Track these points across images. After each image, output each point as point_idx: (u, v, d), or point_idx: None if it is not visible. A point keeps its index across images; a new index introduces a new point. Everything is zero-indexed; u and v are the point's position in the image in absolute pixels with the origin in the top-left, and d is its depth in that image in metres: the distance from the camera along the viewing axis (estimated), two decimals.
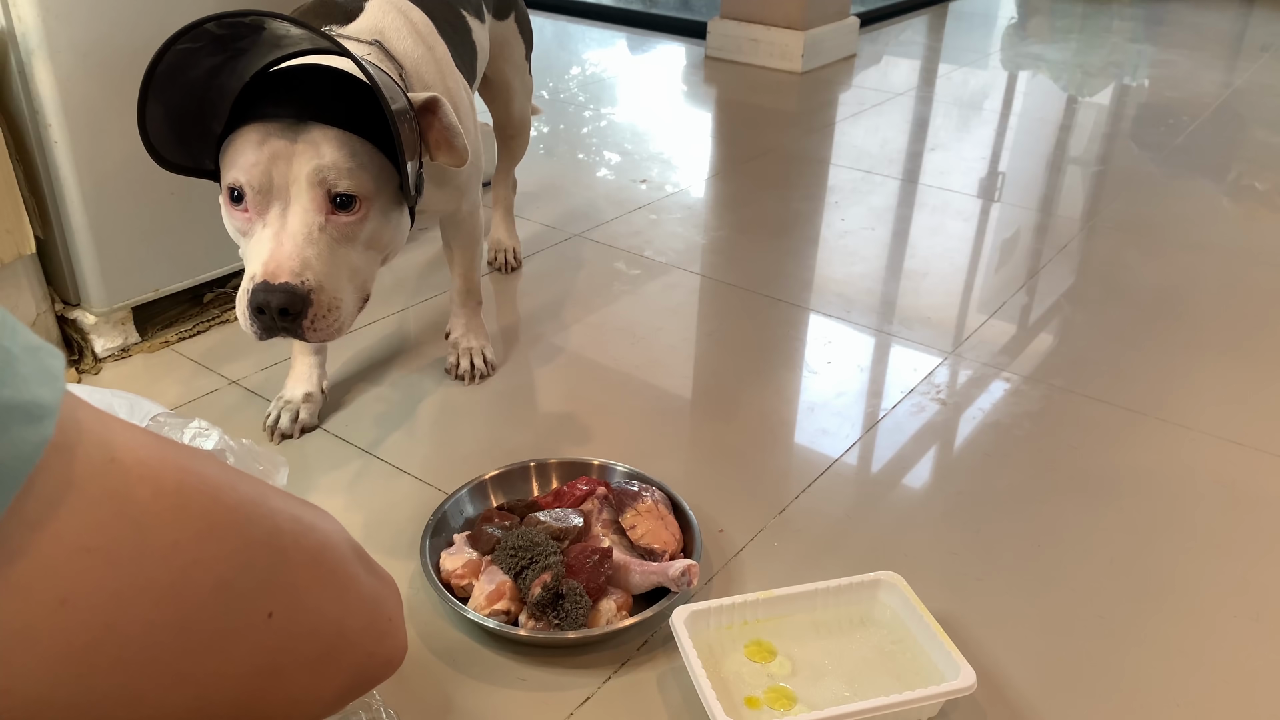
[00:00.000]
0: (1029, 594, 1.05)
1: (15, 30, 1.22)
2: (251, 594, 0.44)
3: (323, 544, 0.51)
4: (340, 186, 0.92)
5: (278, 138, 0.92)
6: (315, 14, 1.13)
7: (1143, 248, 1.88)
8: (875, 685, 0.90)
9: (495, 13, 1.48)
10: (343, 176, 0.92)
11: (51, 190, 1.32)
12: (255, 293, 0.90)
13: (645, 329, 1.56)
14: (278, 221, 0.92)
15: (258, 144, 0.92)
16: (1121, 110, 2.84)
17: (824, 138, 2.46)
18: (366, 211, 0.95)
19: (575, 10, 3.74)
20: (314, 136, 0.92)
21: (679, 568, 0.98)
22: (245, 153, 0.92)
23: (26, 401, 0.34)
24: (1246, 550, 1.12)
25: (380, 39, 1.09)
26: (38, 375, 0.35)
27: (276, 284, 0.89)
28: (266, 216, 0.93)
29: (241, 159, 0.92)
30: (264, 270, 0.90)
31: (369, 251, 0.98)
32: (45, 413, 0.35)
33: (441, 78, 1.16)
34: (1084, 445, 1.29)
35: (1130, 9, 4.06)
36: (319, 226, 0.92)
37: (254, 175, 0.91)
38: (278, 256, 0.90)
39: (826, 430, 1.32)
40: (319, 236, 0.92)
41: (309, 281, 0.90)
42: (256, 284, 0.90)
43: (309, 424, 1.28)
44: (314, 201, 0.92)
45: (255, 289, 0.90)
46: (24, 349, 0.35)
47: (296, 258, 0.90)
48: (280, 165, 0.91)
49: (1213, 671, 0.96)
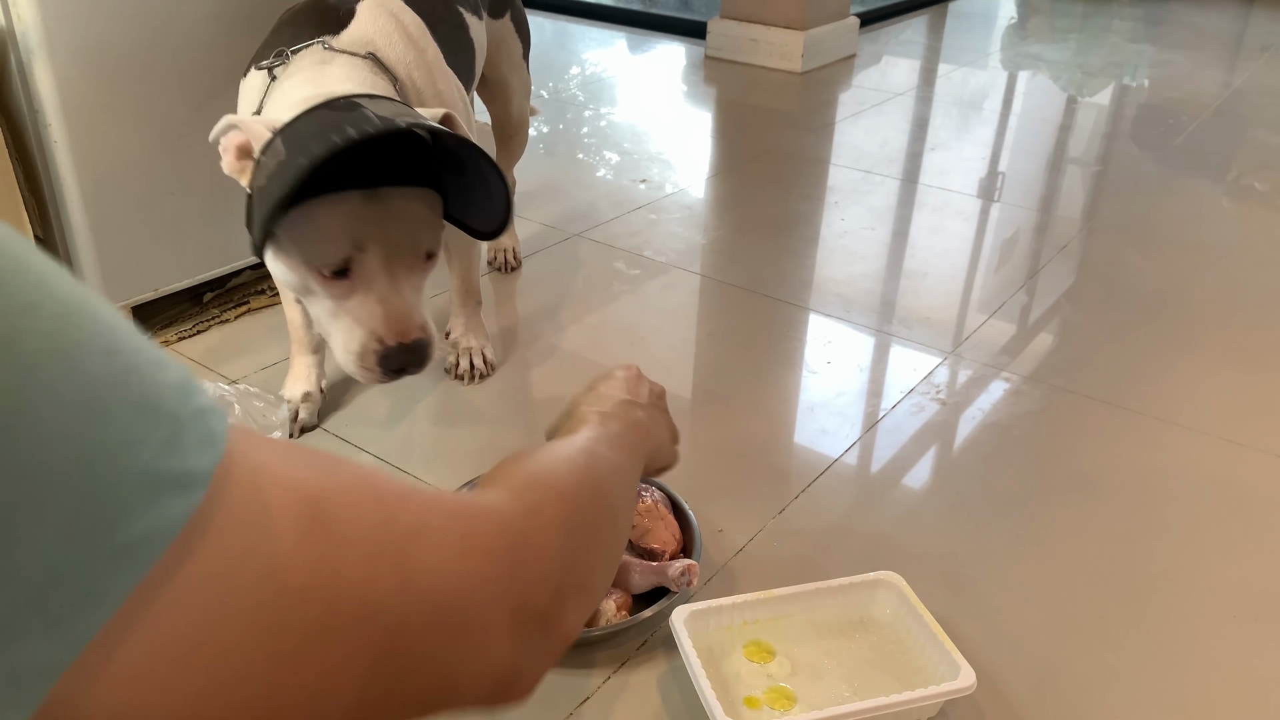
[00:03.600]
0: (1029, 594, 1.05)
1: (15, 30, 1.22)
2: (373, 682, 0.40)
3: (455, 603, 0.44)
4: (432, 245, 0.99)
5: (366, 209, 0.93)
6: (308, 19, 1.13)
7: (1143, 248, 1.88)
8: (875, 685, 0.90)
9: (491, 11, 1.48)
10: (433, 235, 0.99)
11: (51, 190, 1.32)
12: (391, 356, 0.96)
13: (645, 329, 1.56)
14: (384, 284, 0.95)
15: (351, 219, 0.92)
16: (1121, 110, 2.84)
17: (824, 137, 2.46)
18: (438, 253, 1.01)
19: (575, 10, 3.74)
20: (399, 204, 0.94)
21: (679, 568, 0.98)
22: (341, 231, 0.92)
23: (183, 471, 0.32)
24: (1246, 550, 1.12)
25: (373, 51, 1.09)
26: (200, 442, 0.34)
27: (410, 342, 0.96)
28: (371, 283, 0.95)
29: (341, 237, 0.93)
30: (392, 333, 0.95)
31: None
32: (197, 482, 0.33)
33: (432, 81, 1.16)
34: (1084, 445, 1.29)
35: (1130, 9, 4.06)
36: (419, 280, 0.99)
37: (360, 251, 0.93)
38: (399, 318, 0.96)
39: (826, 430, 1.32)
40: (420, 287, 0.99)
41: (426, 330, 0.98)
42: (390, 347, 0.95)
43: (308, 423, 1.28)
44: (415, 260, 0.97)
45: (390, 353, 0.96)
46: (194, 414, 0.34)
47: (414, 314, 0.97)
48: (383, 235, 0.94)
49: (1212, 671, 0.96)
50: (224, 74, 1.40)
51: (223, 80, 1.40)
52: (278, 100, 1.03)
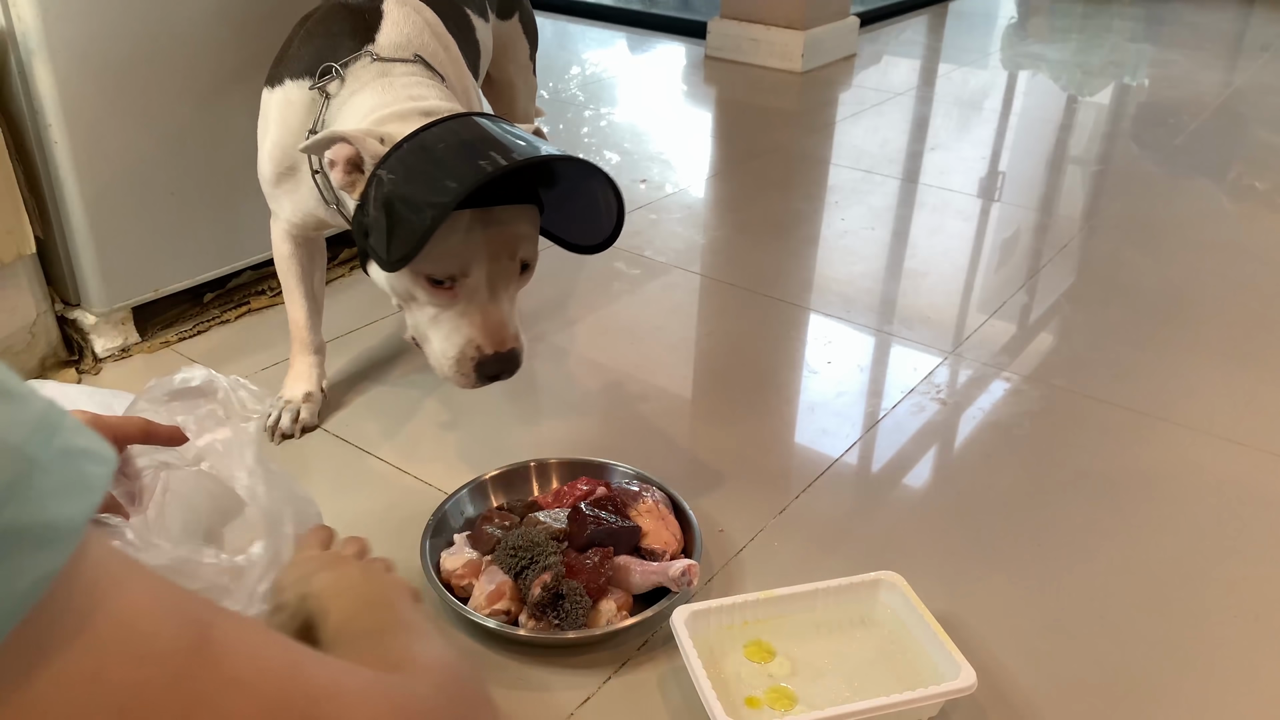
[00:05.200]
0: (1029, 594, 1.05)
1: (15, 30, 1.22)
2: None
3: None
4: (530, 258, 1.01)
5: (477, 224, 0.95)
6: (339, 27, 1.10)
7: (1143, 247, 1.88)
8: (875, 685, 0.90)
9: (499, 12, 1.48)
10: (531, 249, 1.01)
11: (51, 190, 1.32)
12: (487, 364, 0.99)
13: (645, 329, 1.56)
14: (484, 295, 0.98)
15: (464, 234, 0.94)
16: (1121, 110, 2.84)
17: (824, 137, 2.46)
18: (535, 265, 1.04)
19: (575, 10, 3.74)
20: (507, 221, 0.97)
21: (679, 568, 0.98)
22: (452, 244, 0.94)
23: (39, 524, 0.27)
24: (1246, 550, 1.12)
25: (419, 54, 1.10)
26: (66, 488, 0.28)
27: (506, 351, 0.99)
28: (472, 293, 0.97)
29: (451, 251, 0.95)
30: (490, 342, 0.98)
31: None
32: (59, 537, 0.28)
33: (460, 76, 1.16)
34: (1084, 445, 1.29)
35: (1130, 9, 4.06)
36: (515, 290, 1.02)
37: (467, 265, 0.95)
38: (497, 328, 0.99)
39: (826, 430, 1.32)
40: (514, 297, 1.02)
41: (521, 339, 1.02)
42: (486, 356, 0.98)
43: (309, 424, 1.28)
44: (514, 272, 1.00)
45: (486, 361, 0.99)
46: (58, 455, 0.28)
47: (510, 325, 1.00)
48: (489, 251, 0.96)
49: (1213, 671, 0.96)
50: (225, 74, 1.40)
51: (224, 81, 1.40)
52: (348, 115, 1.03)
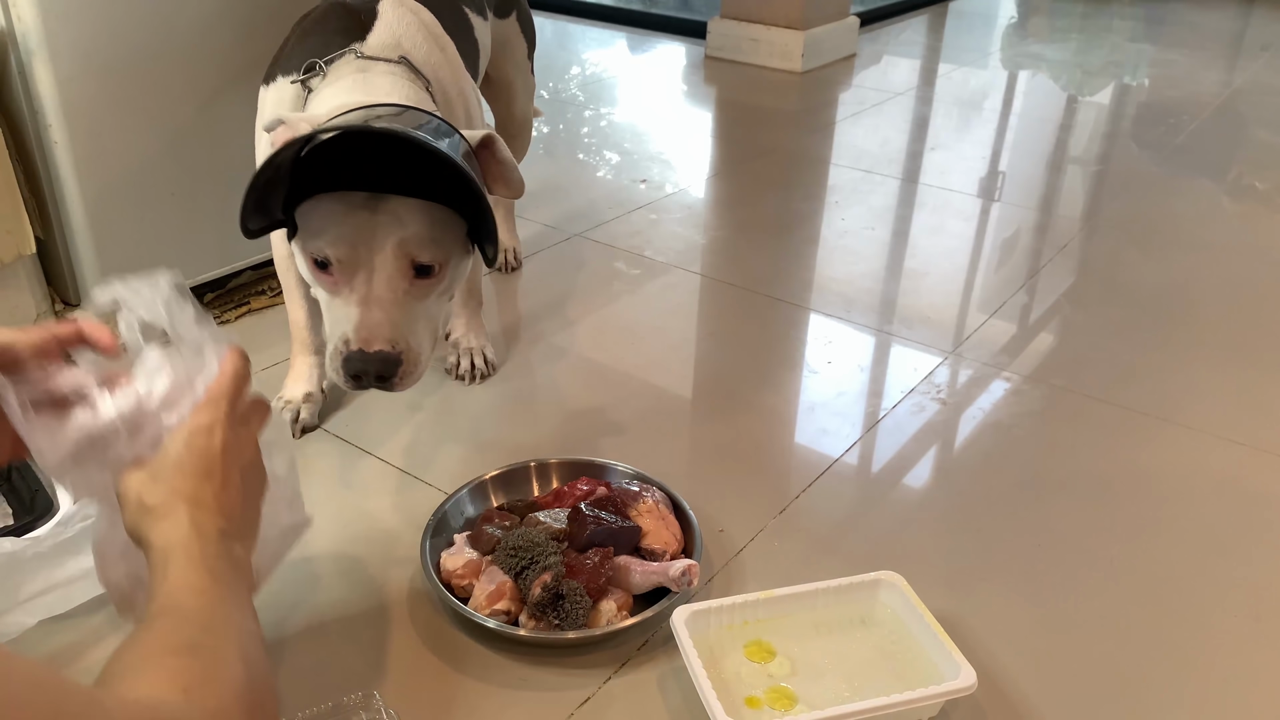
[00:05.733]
0: (1029, 594, 1.05)
1: (15, 30, 1.22)
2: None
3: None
4: (422, 257, 0.96)
5: (360, 209, 0.93)
6: (333, 26, 1.13)
7: (1143, 247, 1.88)
8: (875, 685, 0.90)
9: (497, 11, 1.48)
10: (424, 248, 0.95)
11: (51, 190, 1.32)
12: (351, 360, 0.94)
13: (645, 329, 1.56)
14: (364, 288, 0.95)
15: (341, 216, 0.93)
16: (1121, 110, 2.84)
17: (824, 137, 2.46)
18: (443, 272, 0.99)
19: (575, 10, 3.74)
20: (395, 209, 0.94)
21: (679, 568, 0.98)
22: (329, 226, 0.94)
23: None
24: (1247, 550, 1.12)
25: (404, 54, 1.10)
26: None
27: (371, 352, 0.94)
28: (353, 283, 0.95)
29: (326, 232, 0.94)
30: (357, 338, 0.94)
31: (441, 299, 1.01)
32: None
33: (456, 80, 1.17)
34: (1084, 445, 1.29)
35: (1130, 8, 4.06)
36: (404, 291, 0.96)
37: (340, 249, 0.94)
38: (368, 324, 0.94)
39: (827, 430, 1.32)
40: (403, 301, 0.96)
41: (399, 345, 0.95)
42: (352, 351, 0.94)
43: (309, 424, 1.28)
44: (399, 271, 0.95)
45: (351, 357, 0.94)
46: None
47: (386, 325, 0.94)
48: (364, 237, 0.94)
49: (1213, 671, 0.96)
50: (226, 74, 1.40)
51: (224, 81, 1.40)
52: (317, 106, 1.05)
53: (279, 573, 0.88)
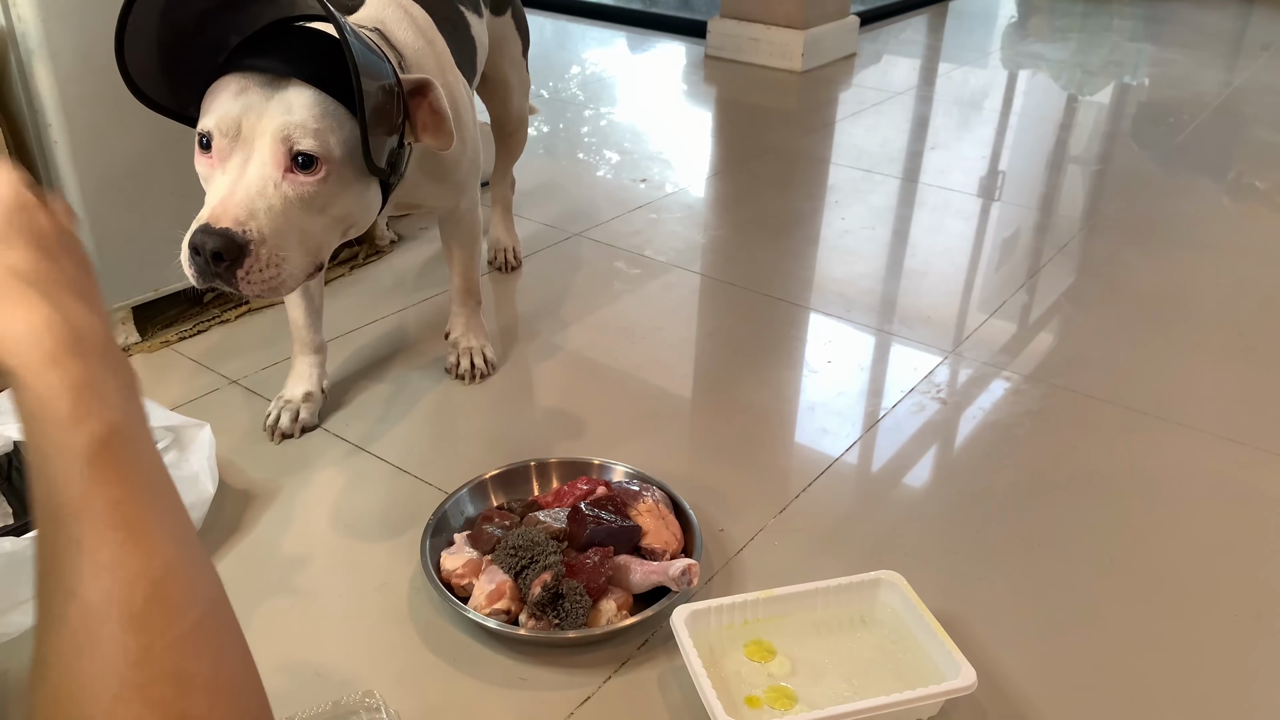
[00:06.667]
0: (1029, 593, 1.05)
1: (15, 30, 1.22)
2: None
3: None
4: (302, 145, 0.92)
5: (255, 90, 0.92)
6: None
7: (1143, 247, 1.88)
8: (875, 684, 0.90)
9: (493, 9, 1.48)
10: (306, 135, 0.92)
11: (51, 189, 1.32)
12: (195, 233, 0.90)
13: (645, 328, 1.56)
14: (236, 170, 0.92)
15: (235, 93, 0.92)
16: (1121, 109, 2.84)
17: (824, 137, 2.46)
18: (327, 174, 0.94)
19: (575, 10, 3.74)
20: (288, 93, 0.93)
21: (679, 567, 0.98)
22: (220, 100, 0.93)
23: None
24: (1247, 549, 1.12)
25: (381, 27, 1.10)
26: None
27: (217, 228, 0.89)
28: (228, 164, 0.93)
29: (215, 106, 0.93)
30: (210, 214, 0.90)
31: (327, 218, 0.97)
32: None
33: (441, 72, 1.16)
34: (1084, 444, 1.29)
35: (1130, 8, 4.06)
36: (274, 181, 0.92)
37: (224, 123, 0.92)
38: (226, 203, 0.90)
39: (827, 429, 1.32)
40: (272, 191, 0.92)
41: (250, 232, 0.90)
42: (199, 225, 0.90)
43: (309, 423, 1.28)
44: (274, 155, 0.92)
45: (196, 230, 0.90)
46: None
47: (244, 207, 0.90)
48: (250, 117, 0.92)
49: (1213, 671, 0.96)
50: None
51: None
52: None
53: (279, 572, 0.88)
